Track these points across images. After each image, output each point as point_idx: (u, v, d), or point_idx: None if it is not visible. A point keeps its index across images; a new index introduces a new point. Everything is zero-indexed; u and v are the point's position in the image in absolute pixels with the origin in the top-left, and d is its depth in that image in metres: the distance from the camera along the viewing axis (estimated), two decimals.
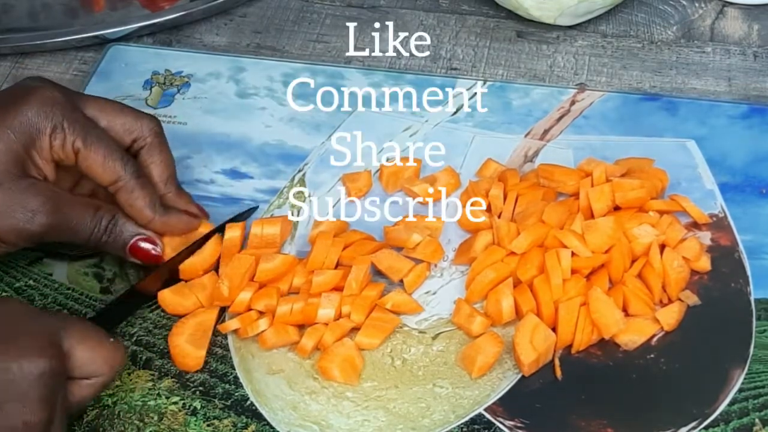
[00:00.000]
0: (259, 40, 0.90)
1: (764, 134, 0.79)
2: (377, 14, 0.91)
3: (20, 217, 0.65)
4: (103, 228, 0.68)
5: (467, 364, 0.66)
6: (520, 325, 0.66)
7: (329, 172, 0.78)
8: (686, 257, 0.69)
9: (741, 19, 0.90)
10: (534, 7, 0.86)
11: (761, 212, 0.74)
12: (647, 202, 0.71)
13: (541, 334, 0.65)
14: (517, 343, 0.65)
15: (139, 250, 0.69)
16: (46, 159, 0.66)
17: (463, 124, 0.81)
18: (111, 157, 0.67)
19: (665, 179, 0.74)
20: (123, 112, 0.69)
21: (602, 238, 0.68)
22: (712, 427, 0.63)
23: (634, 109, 0.81)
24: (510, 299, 0.67)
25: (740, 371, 0.65)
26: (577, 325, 0.66)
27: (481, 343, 0.66)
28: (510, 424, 0.63)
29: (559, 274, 0.67)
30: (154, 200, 0.69)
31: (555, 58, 0.87)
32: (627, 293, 0.67)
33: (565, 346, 0.66)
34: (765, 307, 0.69)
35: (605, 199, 0.70)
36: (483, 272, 0.68)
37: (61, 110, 0.66)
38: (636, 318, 0.67)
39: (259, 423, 0.64)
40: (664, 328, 0.67)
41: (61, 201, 0.66)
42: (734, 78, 0.85)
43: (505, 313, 0.67)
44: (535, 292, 0.67)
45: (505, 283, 0.68)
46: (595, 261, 0.68)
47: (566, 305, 0.66)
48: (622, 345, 0.66)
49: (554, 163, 0.75)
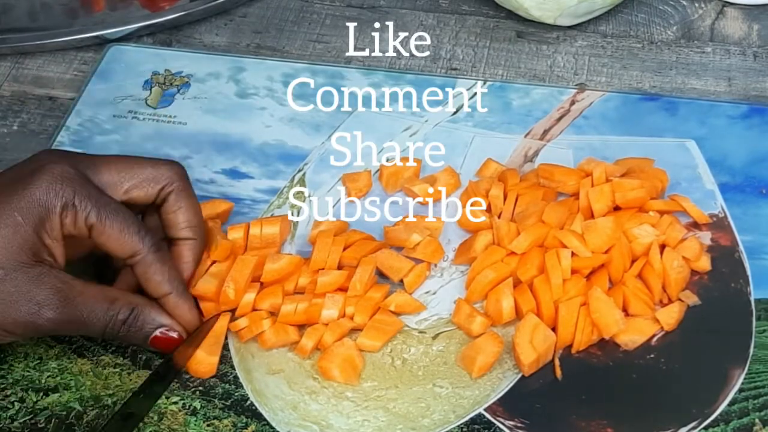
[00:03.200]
0: (259, 40, 0.90)
1: (764, 134, 0.79)
2: (377, 14, 0.91)
3: (26, 310, 0.61)
4: (120, 321, 0.63)
5: (467, 364, 0.66)
6: (520, 325, 0.66)
7: (329, 172, 0.78)
8: (686, 257, 0.69)
9: (741, 19, 0.90)
10: (534, 7, 0.86)
11: (761, 212, 0.74)
12: (647, 202, 0.71)
13: (541, 335, 0.65)
14: (517, 343, 0.65)
15: (161, 341, 0.65)
16: (57, 238, 0.63)
17: (463, 124, 0.81)
18: (127, 230, 0.63)
19: (665, 179, 0.74)
20: (142, 166, 0.66)
21: (602, 238, 0.68)
22: (712, 427, 0.63)
23: (634, 109, 0.81)
24: (510, 299, 0.67)
25: (740, 371, 0.65)
26: (577, 325, 0.66)
27: (481, 343, 0.66)
28: (510, 424, 0.63)
29: (559, 274, 0.67)
30: (173, 275, 0.65)
31: (555, 58, 0.87)
32: (627, 293, 0.67)
33: (565, 346, 0.66)
34: (765, 307, 0.69)
35: (605, 199, 0.70)
36: (483, 272, 0.68)
37: (71, 185, 0.62)
38: (636, 318, 0.67)
39: (259, 423, 0.64)
40: (665, 328, 0.67)
41: (71, 293, 0.62)
42: (734, 78, 0.85)
43: (506, 313, 0.67)
44: (535, 292, 0.67)
45: (505, 283, 0.68)
46: (595, 261, 0.68)
47: (566, 305, 0.66)
48: (622, 345, 0.66)
49: (554, 163, 0.75)
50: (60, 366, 0.67)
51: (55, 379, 0.66)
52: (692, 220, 0.72)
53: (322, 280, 0.68)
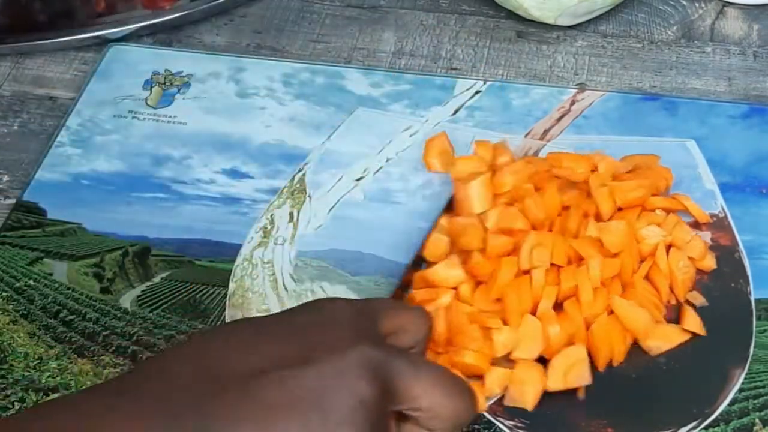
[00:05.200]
0: (259, 40, 0.90)
1: (764, 134, 0.79)
2: (377, 14, 0.91)
3: None
4: None
5: (519, 395, 0.63)
6: (560, 355, 0.63)
7: (329, 172, 0.78)
8: (691, 257, 0.69)
9: (741, 19, 0.90)
10: (534, 7, 0.86)
11: (761, 212, 0.74)
12: (649, 200, 0.71)
13: (580, 368, 0.63)
14: (549, 375, 0.63)
15: None
16: None
17: (463, 124, 0.81)
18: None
19: (670, 177, 0.73)
20: None
21: (617, 241, 0.67)
22: (712, 427, 0.63)
23: (634, 109, 0.81)
24: (556, 327, 0.64)
25: (740, 371, 0.65)
26: (612, 339, 0.64)
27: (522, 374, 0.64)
28: (510, 424, 0.63)
29: (590, 290, 0.64)
30: None
31: (555, 58, 0.87)
32: (638, 296, 0.66)
33: None
34: (765, 307, 0.69)
35: (608, 201, 0.69)
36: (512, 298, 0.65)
37: None
38: (664, 325, 0.66)
39: None
40: (700, 333, 0.66)
41: None
42: (734, 78, 0.84)
43: (554, 341, 0.64)
44: (565, 314, 0.65)
45: (546, 310, 0.65)
46: (614, 267, 0.66)
47: (599, 323, 0.64)
48: (647, 350, 0.65)
49: (563, 151, 0.74)
50: (60, 366, 0.67)
51: (55, 379, 0.66)
52: (693, 220, 0.72)
53: None
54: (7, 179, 0.79)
